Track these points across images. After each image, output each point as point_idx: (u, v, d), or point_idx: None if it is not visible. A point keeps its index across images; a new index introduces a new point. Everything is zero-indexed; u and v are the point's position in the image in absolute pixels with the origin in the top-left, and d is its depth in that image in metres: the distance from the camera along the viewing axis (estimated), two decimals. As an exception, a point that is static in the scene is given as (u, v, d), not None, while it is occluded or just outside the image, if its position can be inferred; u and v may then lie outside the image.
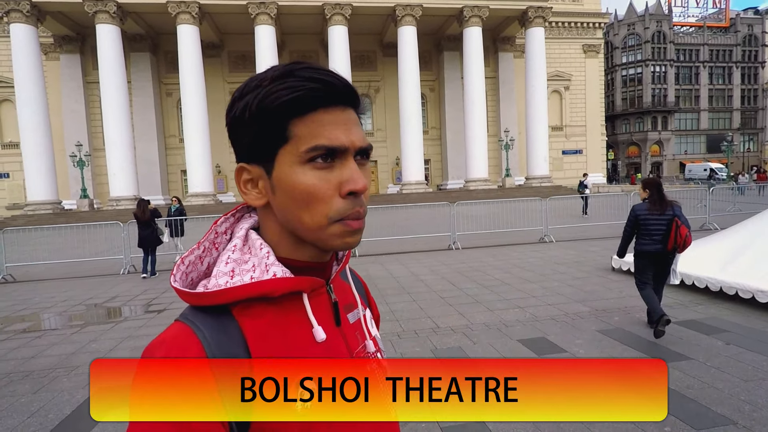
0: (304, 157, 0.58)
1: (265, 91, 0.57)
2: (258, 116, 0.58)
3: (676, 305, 5.35)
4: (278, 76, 0.58)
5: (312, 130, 0.57)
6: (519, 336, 4.55)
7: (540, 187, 29.56)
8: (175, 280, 0.60)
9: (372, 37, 35.09)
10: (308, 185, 0.58)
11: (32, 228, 14.02)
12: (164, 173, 33.80)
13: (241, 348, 0.56)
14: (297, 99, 0.57)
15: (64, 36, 31.43)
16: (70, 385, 3.92)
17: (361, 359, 0.68)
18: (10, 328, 5.90)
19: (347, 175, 0.59)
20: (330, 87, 0.58)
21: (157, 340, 0.55)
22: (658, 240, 4.37)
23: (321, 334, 0.61)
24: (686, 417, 2.83)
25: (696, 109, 57.64)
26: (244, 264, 0.61)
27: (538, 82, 31.26)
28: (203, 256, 0.65)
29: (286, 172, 0.59)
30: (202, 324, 0.56)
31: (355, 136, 0.60)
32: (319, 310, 0.64)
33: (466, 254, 10.00)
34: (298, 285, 0.60)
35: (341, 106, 0.60)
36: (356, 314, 0.72)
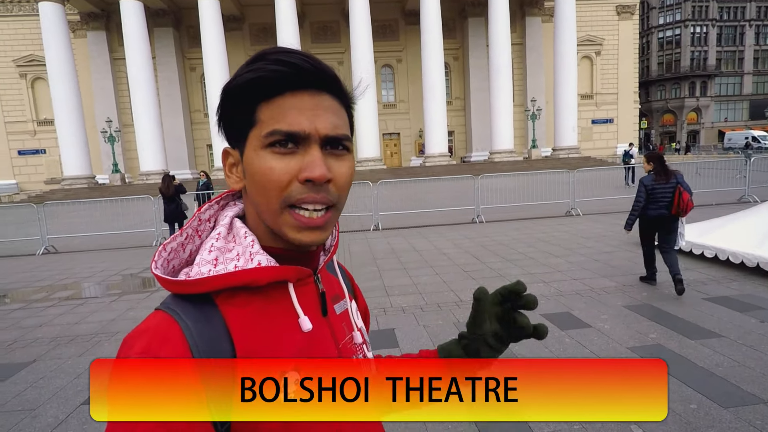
0: (264, 141, 0.56)
1: (236, 74, 0.58)
2: (228, 100, 0.59)
3: (708, 281, 5.21)
4: (250, 61, 0.58)
5: (275, 115, 0.56)
6: (543, 311, 4.53)
7: (568, 159, 28.75)
8: (156, 266, 0.59)
9: (393, 5, 34.18)
10: (264, 168, 0.56)
11: (70, 202, 14.61)
12: (191, 148, 34.44)
13: (224, 338, 0.54)
14: (260, 81, 0.56)
15: (89, 13, 31.83)
16: (112, 349, 4.16)
17: (349, 359, 0.67)
18: (55, 296, 6.25)
19: (307, 162, 0.56)
20: (297, 69, 0.56)
21: (137, 330, 0.54)
22: (663, 206, 4.94)
23: (307, 323, 0.60)
24: (714, 395, 2.80)
25: (739, 73, 54.25)
26: (228, 252, 0.60)
27: (568, 47, 29.95)
28: (186, 244, 0.63)
29: (251, 155, 0.58)
30: (184, 313, 0.54)
31: (322, 123, 0.57)
32: (306, 300, 0.63)
33: (490, 228, 9.92)
34: (284, 274, 0.59)
35: (311, 91, 0.58)
36: (343, 305, 0.71)
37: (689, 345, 3.55)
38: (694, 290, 4.91)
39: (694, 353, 3.40)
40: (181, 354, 0.51)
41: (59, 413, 3.04)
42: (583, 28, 35.12)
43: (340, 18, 34.01)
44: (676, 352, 3.45)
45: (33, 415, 3.03)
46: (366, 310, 0.85)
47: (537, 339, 0.69)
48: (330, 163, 0.58)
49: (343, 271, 0.81)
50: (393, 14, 34.75)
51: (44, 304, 5.85)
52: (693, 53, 52.56)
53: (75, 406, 3.12)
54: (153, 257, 0.60)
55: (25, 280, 7.45)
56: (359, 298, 0.84)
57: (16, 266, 8.68)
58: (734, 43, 54.03)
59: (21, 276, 7.75)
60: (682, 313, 4.24)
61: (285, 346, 0.58)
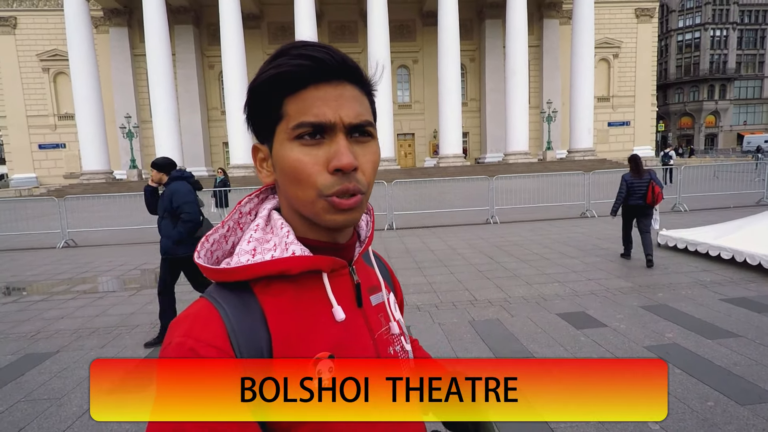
0: (291, 133, 0.58)
1: (261, 71, 0.60)
2: (255, 96, 0.61)
3: (726, 282, 5.15)
4: (274, 56, 0.60)
5: (301, 107, 0.58)
6: (558, 310, 4.53)
7: (583, 161, 28.46)
8: (199, 256, 0.62)
9: (411, 6, 34.19)
10: (294, 160, 0.58)
11: (89, 196, 14.91)
12: (207, 145, 34.82)
13: (260, 324, 0.57)
14: (285, 76, 0.58)
15: (112, 9, 32.40)
16: (132, 342, 4.26)
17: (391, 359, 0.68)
18: (75, 289, 6.40)
19: (334, 151, 0.58)
20: (319, 63, 0.58)
21: (181, 316, 0.58)
22: (639, 197, 6.15)
23: (340, 313, 0.62)
24: (732, 393, 2.78)
25: (759, 76, 53.23)
26: (266, 243, 0.62)
27: (585, 49, 29.65)
28: (228, 236, 0.66)
29: (279, 149, 0.60)
30: (223, 300, 0.57)
31: (346, 112, 0.59)
32: (341, 290, 0.65)
33: (505, 228, 9.90)
34: (317, 263, 0.61)
35: (334, 82, 0.60)
36: (379, 297, 0.72)
37: (706, 344, 3.53)
38: (711, 291, 4.86)
39: (711, 352, 3.38)
40: (220, 338, 0.54)
41: (83, 402, 3.11)
42: (601, 30, 34.75)
43: (358, 18, 34.14)
44: (692, 351, 3.43)
45: (59, 404, 3.11)
46: (402, 302, 0.86)
47: None
48: (356, 150, 0.60)
49: (381, 262, 0.82)
50: (410, 15, 34.76)
51: (65, 297, 5.98)
52: (712, 56, 51.70)
53: (99, 394, 3.21)
54: (196, 247, 0.63)
55: (46, 272, 7.62)
56: (397, 290, 0.85)
57: (38, 259, 8.89)
58: (755, 47, 53.01)
59: (42, 269, 7.93)
60: (699, 313, 4.21)
61: (319, 335, 0.60)
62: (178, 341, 0.53)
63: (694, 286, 5.07)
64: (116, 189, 24.80)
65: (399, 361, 0.70)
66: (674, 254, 6.61)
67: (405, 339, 0.74)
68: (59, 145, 33.95)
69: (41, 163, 34.10)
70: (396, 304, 0.76)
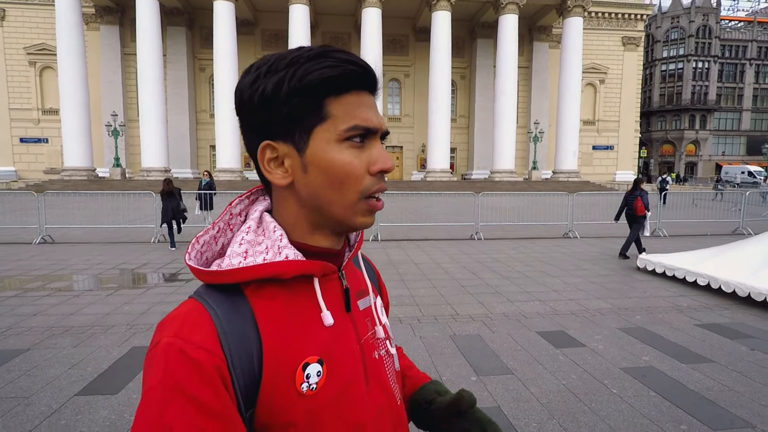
0: (342, 135, 0.59)
1: (304, 69, 0.58)
2: (297, 93, 0.58)
3: (701, 308, 5.27)
4: (314, 56, 0.59)
5: (348, 111, 0.59)
6: (538, 328, 4.57)
7: (567, 182, 29.01)
8: (190, 258, 0.61)
9: (405, 21, 34.69)
10: (345, 162, 0.59)
11: (69, 193, 14.60)
12: (194, 147, 34.50)
13: (251, 327, 0.57)
14: (336, 78, 0.59)
15: (105, 7, 32.13)
16: (107, 342, 4.16)
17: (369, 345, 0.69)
18: (50, 286, 6.23)
19: (376, 154, 0.61)
20: (365, 71, 0.61)
21: (170, 316, 0.56)
22: (630, 208, 8.37)
23: (329, 318, 0.62)
24: (704, 417, 2.84)
25: (738, 109, 55.18)
26: (258, 245, 0.61)
27: (573, 74, 30.42)
28: (218, 237, 0.66)
29: (323, 149, 0.59)
30: (214, 302, 0.57)
31: (381, 120, 0.63)
32: (330, 295, 0.65)
33: (488, 245, 9.98)
34: (309, 268, 0.61)
35: (367, 91, 0.63)
36: (367, 301, 0.72)
37: (681, 369, 3.59)
38: (687, 316, 4.97)
39: (685, 377, 3.44)
40: (210, 340, 0.53)
41: (53, 402, 3.03)
42: (589, 56, 35.72)
43: (352, 30, 34.48)
44: (667, 374, 3.49)
45: (26, 403, 3.01)
46: (387, 306, 0.87)
47: None
48: None
49: (369, 266, 0.83)
50: (404, 30, 35.25)
51: (39, 294, 5.82)
52: (694, 87, 53.45)
53: (69, 396, 3.11)
54: (187, 249, 0.63)
55: (20, 268, 7.41)
56: (383, 294, 0.85)
57: (12, 254, 8.64)
58: (734, 80, 55.04)
59: (17, 264, 7.71)
60: (674, 337, 4.29)
61: (307, 339, 0.60)
62: (167, 342, 0.53)
63: (670, 311, 5.18)
64: (97, 186, 24.34)
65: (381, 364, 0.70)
66: (653, 278, 6.75)
67: (390, 343, 0.74)
68: (41, 139, 33.25)
69: (21, 157, 33.32)
70: (383, 308, 0.77)
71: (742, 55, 54.83)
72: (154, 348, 0.53)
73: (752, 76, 54.83)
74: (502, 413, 2.92)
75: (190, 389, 0.50)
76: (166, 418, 0.49)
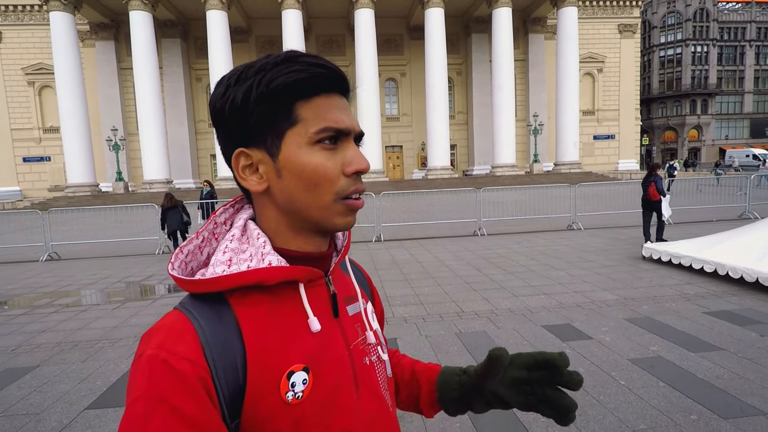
0: (313, 138, 0.59)
1: (270, 75, 0.58)
2: (266, 99, 0.58)
3: (709, 295, 5.23)
4: (281, 62, 0.59)
5: (318, 113, 0.59)
6: (544, 322, 4.56)
7: (569, 174, 28.88)
8: (173, 268, 0.61)
9: (398, 20, 34.66)
10: (318, 165, 0.59)
11: (73, 209, 14.69)
12: (194, 157, 34.63)
13: (235, 337, 0.56)
14: (304, 82, 0.59)
15: (99, 23, 32.31)
16: (115, 355, 4.18)
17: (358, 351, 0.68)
18: (58, 302, 6.28)
19: (350, 156, 0.61)
20: (332, 73, 0.61)
21: (154, 327, 0.56)
22: (644, 194, 8.49)
23: (316, 324, 0.61)
24: (714, 406, 2.81)
25: (740, 92, 54.74)
26: (242, 253, 0.61)
27: (570, 64, 30.29)
28: (203, 246, 0.66)
29: (295, 152, 0.59)
30: (198, 312, 0.57)
31: (354, 121, 0.63)
32: (317, 301, 0.64)
33: (492, 240, 9.96)
34: (293, 274, 0.60)
35: (337, 93, 0.62)
36: (356, 307, 0.71)
37: (690, 357, 3.57)
38: (695, 304, 4.93)
39: (694, 366, 3.42)
40: (194, 351, 0.53)
41: (63, 418, 3.05)
42: (585, 45, 35.56)
43: (346, 32, 34.50)
44: (676, 364, 3.47)
45: (37, 419, 3.04)
46: (382, 312, 0.86)
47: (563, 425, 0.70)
48: None
49: (358, 270, 0.82)
50: (398, 29, 35.23)
51: (47, 310, 5.87)
52: (694, 72, 53.08)
53: (79, 411, 3.13)
54: (170, 259, 0.62)
55: (28, 286, 7.48)
56: (376, 300, 0.84)
57: (20, 272, 8.71)
58: (735, 63, 54.60)
59: (24, 282, 7.78)
60: (682, 326, 4.26)
61: (294, 346, 0.59)
62: (151, 353, 0.52)
63: (677, 299, 5.14)
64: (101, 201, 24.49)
65: (372, 370, 0.69)
66: (658, 267, 6.72)
67: (382, 349, 0.73)
68: (44, 158, 33.50)
69: (25, 176, 33.59)
70: (373, 314, 0.76)
71: (742, 37, 54.38)
72: (138, 359, 0.53)
73: (753, 58, 54.36)
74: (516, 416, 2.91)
75: (173, 400, 0.50)
76: (150, 429, 0.49)
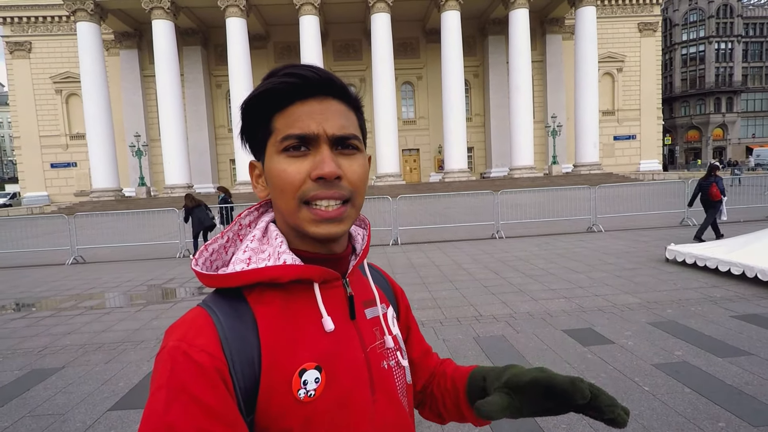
0: (279, 146, 0.61)
1: (253, 91, 0.63)
2: (247, 114, 0.64)
3: (737, 298, 5.07)
4: (266, 77, 0.63)
5: (288, 122, 0.61)
6: (564, 326, 4.47)
7: (589, 175, 28.42)
8: (197, 264, 0.64)
9: (415, 24, 34.72)
10: (280, 171, 0.61)
11: (98, 213, 15.10)
12: (214, 162, 35.26)
13: (251, 333, 0.59)
14: (273, 93, 0.61)
15: (123, 32, 33.25)
16: (137, 357, 4.26)
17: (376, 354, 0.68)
18: (83, 305, 6.43)
19: (317, 161, 0.61)
20: (304, 79, 0.61)
21: (178, 322, 0.60)
22: (706, 194, 8.66)
23: (329, 324, 0.63)
24: (743, 413, 2.72)
25: (767, 88, 53.10)
26: (261, 253, 0.64)
27: (589, 64, 29.87)
28: (227, 246, 0.68)
29: (269, 162, 0.63)
30: (218, 308, 0.60)
31: (330, 125, 0.61)
32: (333, 302, 0.66)
33: (510, 243, 9.85)
34: (307, 273, 0.62)
35: (320, 97, 0.62)
36: (375, 311, 0.72)
37: (717, 363, 3.46)
38: (722, 307, 4.78)
39: (722, 371, 3.31)
40: (213, 345, 0.56)
41: (87, 418, 3.11)
42: (604, 45, 35.03)
43: (362, 36, 34.70)
44: (703, 369, 3.36)
45: (62, 419, 3.10)
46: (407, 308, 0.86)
47: None
48: (340, 161, 0.62)
49: (383, 277, 0.83)
50: (414, 33, 35.29)
51: (72, 313, 6.02)
52: (718, 69, 51.77)
53: (102, 412, 3.19)
54: (194, 255, 0.66)
55: (55, 288, 7.68)
56: (400, 303, 0.84)
57: (48, 275, 8.97)
58: (760, 59, 53.07)
59: (51, 285, 8.00)
60: (709, 330, 4.13)
61: (307, 345, 0.61)
62: (173, 345, 0.55)
63: (703, 302, 4.99)
64: (124, 206, 25.06)
65: (390, 375, 0.69)
66: (683, 269, 6.54)
67: (401, 355, 0.73)
68: (70, 164, 34.56)
69: (53, 182, 34.68)
70: (394, 319, 0.76)
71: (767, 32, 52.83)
72: (162, 351, 0.56)
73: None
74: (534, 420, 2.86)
75: (193, 390, 0.52)
76: (170, 417, 0.51)
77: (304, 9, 28.25)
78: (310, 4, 28.18)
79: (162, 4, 27.68)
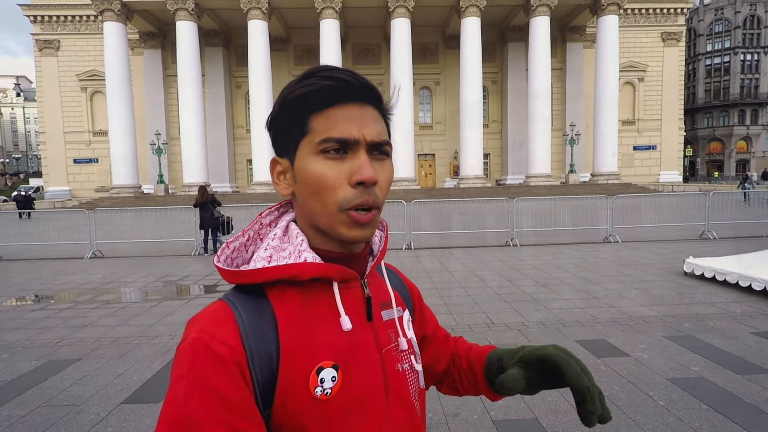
0: (317, 147, 0.62)
1: (291, 90, 0.63)
2: (283, 112, 0.64)
3: (757, 314, 4.93)
4: (303, 77, 0.64)
5: (327, 124, 0.61)
6: (577, 337, 4.41)
7: (607, 185, 28.02)
8: (219, 260, 0.66)
9: (434, 29, 34.79)
10: (319, 173, 0.61)
11: (117, 209, 15.38)
12: (231, 162, 35.73)
13: (271, 329, 0.60)
14: (313, 94, 0.62)
15: (148, 32, 34.02)
16: (150, 352, 4.32)
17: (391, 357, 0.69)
18: (99, 299, 6.56)
19: (356, 165, 0.61)
20: (345, 84, 0.62)
21: (200, 313, 0.61)
22: None
23: (347, 323, 0.63)
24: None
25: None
26: (282, 251, 0.65)
27: (610, 73, 29.51)
28: (248, 245, 0.70)
29: (303, 161, 0.63)
30: (239, 303, 0.61)
31: (368, 131, 0.63)
32: (351, 302, 0.66)
33: (524, 251, 9.75)
34: (327, 271, 0.63)
35: (358, 103, 0.63)
36: (391, 313, 0.72)
37: (735, 380, 3.37)
38: (741, 323, 4.66)
39: (740, 388, 3.22)
40: (233, 337, 0.57)
41: (100, 411, 3.16)
42: (626, 54, 34.61)
43: (382, 41, 34.88)
44: (720, 386, 3.28)
45: (77, 410, 3.15)
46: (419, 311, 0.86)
47: None
48: (375, 167, 0.64)
49: (399, 279, 0.84)
50: (433, 38, 35.34)
51: (90, 306, 6.13)
52: (743, 80, 50.70)
53: (115, 405, 3.24)
54: (217, 253, 0.67)
55: (73, 282, 7.84)
56: (415, 306, 0.85)
57: (67, 268, 9.16)
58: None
59: (71, 278, 8.17)
60: (728, 346, 4.03)
61: (324, 343, 0.61)
62: (195, 336, 0.57)
63: (722, 318, 4.87)
64: (143, 203, 25.53)
65: (404, 378, 0.70)
66: (701, 283, 6.39)
67: (416, 359, 0.74)
68: (92, 159, 35.38)
69: (75, 177, 35.54)
70: (409, 322, 0.77)
71: (796, 44, 51.59)
72: (183, 342, 0.57)
73: (808, 66, 51.45)
74: (540, 425, 2.82)
75: (213, 381, 0.54)
76: (190, 407, 0.52)
77: (325, 13, 28.53)
78: (331, 8, 28.45)
79: (186, 6, 28.25)
